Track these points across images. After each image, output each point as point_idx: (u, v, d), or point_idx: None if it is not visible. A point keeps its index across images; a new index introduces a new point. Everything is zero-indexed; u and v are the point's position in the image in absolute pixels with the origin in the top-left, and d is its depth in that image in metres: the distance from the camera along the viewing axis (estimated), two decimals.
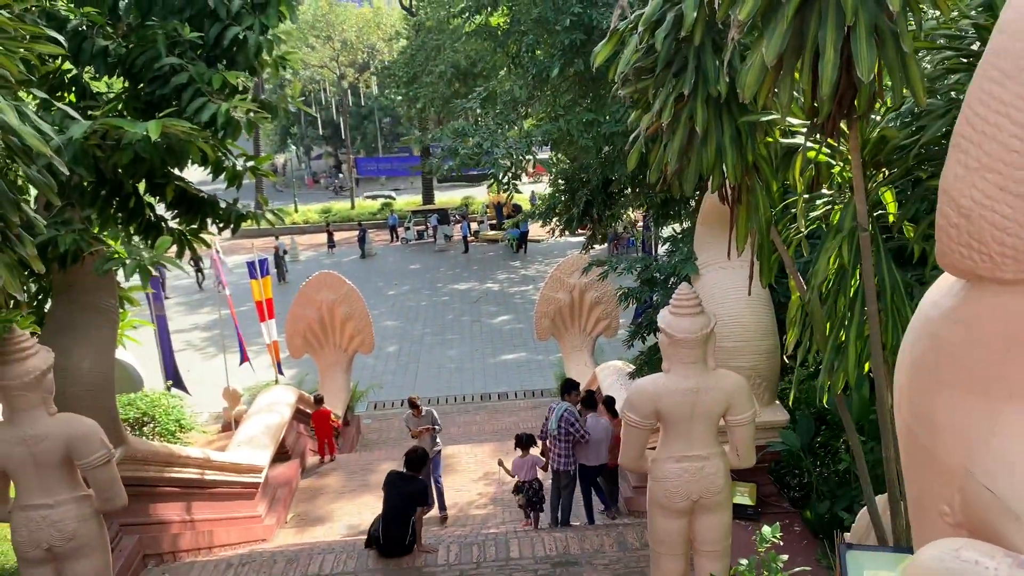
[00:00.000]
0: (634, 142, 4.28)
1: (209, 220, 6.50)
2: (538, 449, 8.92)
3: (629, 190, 9.64)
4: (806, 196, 4.19)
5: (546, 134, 9.12)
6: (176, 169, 5.86)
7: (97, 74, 5.82)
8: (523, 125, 10.54)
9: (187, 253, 6.50)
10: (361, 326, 14.49)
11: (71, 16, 5.71)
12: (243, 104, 5.54)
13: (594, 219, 10.06)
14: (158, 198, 6.26)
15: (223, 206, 6.49)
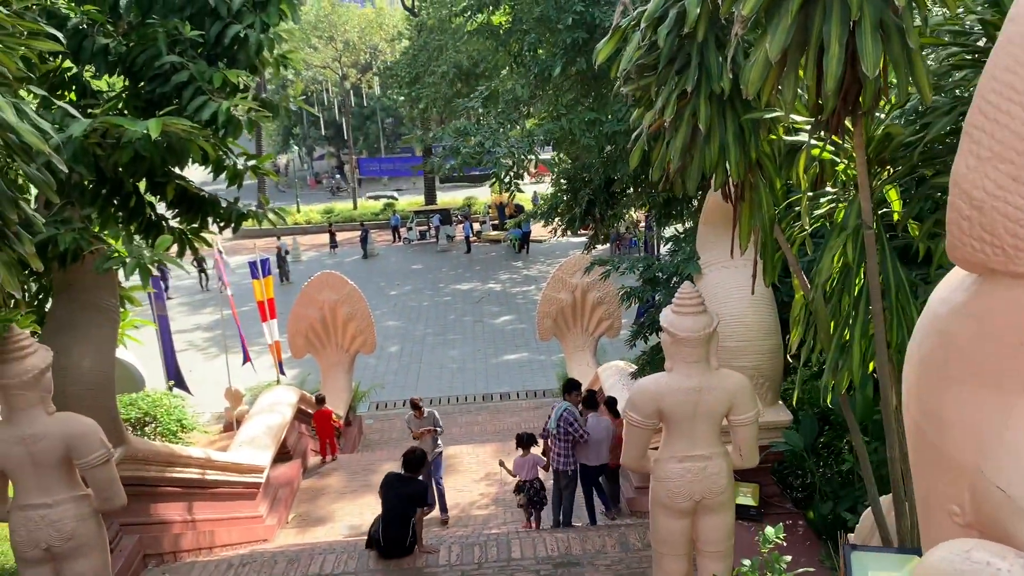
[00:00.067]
0: (636, 140, 4.25)
1: (210, 219, 6.49)
2: (539, 448, 8.90)
3: (631, 189, 9.60)
4: (810, 194, 4.15)
5: (548, 133, 9.09)
6: (177, 168, 5.85)
7: (97, 72, 5.80)
8: (525, 124, 10.51)
9: (190, 254, 6.49)
10: (363, 326, 14.47)
11: (71, 14, 5.70)
12: (244, 103, 5.52)
13: (596, 219, 10.02)
14: (159, 197, 6.24)
15: (224, 205, 6.48)
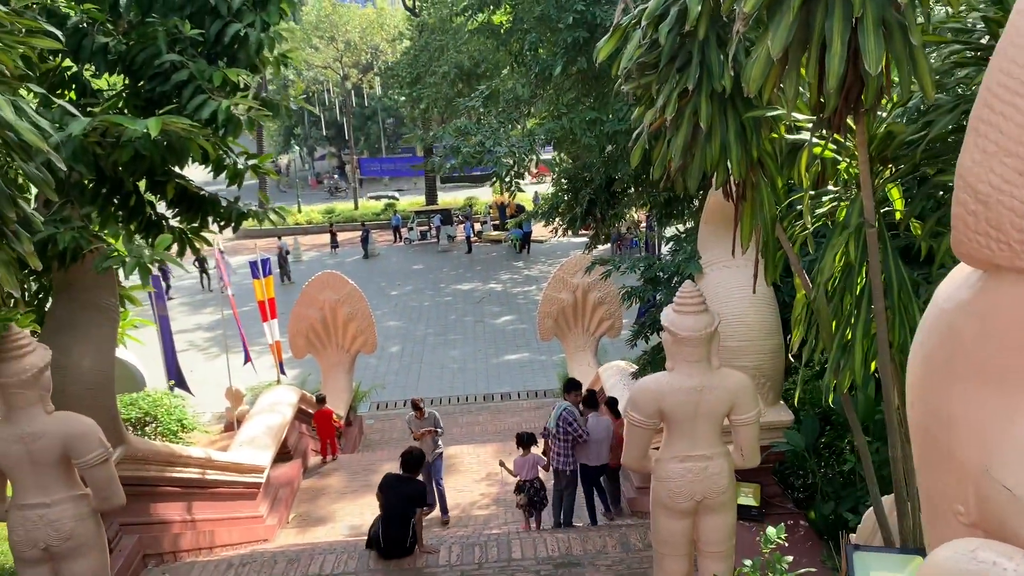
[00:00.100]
0: (637, 139, 4.23)
1: (210, 218, 6.48)
2: (539, 448, 8.88)
3: (632, 189, 9.58)
4: (812, 193, 4.13)
5: (549, 133, 9.07)
6: (176, 167, 5.84)
7: (97, 71, 5.79)
8: (526, 124, 10.49)
9: (195, 255, 6.48)
10: (364, 326, 14.46)
11: (71, 13, 5.69)
12: (244, 101, 5.51)
13: (597, 218, 10.00)
14: (159, 196, 6.23)
15: (224, 204, 6.47)
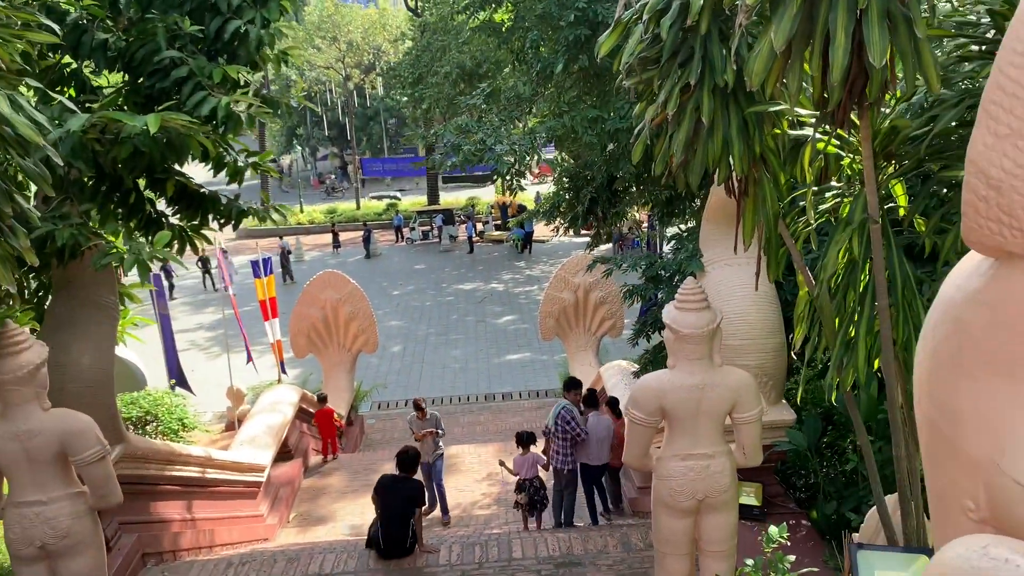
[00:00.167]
0: (639, 135, 4.20)
1: (210, 216, 6.45)
2: (540, 447, 8.85)
3: (634, 188, 9.54)
4: (815, 189, 4.09)
5: (550, 131, 9.03)
6: (176, 164, 5.81)
7: (97, 68, 5.77)
8: (527, 122, 10.46)
9: (195, 253, 6.45)
10: (365, 325, 14.44)
11: (71, 9, 5.67)
12: (244, 98, 5.48)
13: (599, 217, 9.96)
14: (159, 194, 6.21)
15: (224, 202, 6.44)
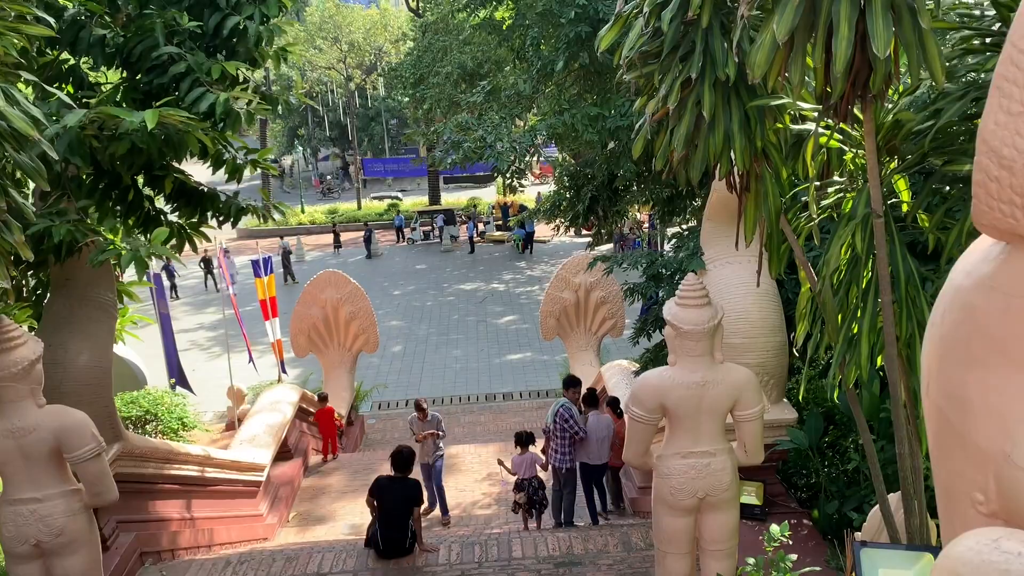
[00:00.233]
0: (639, 131, 4.16)
1: (209, 213, 6.42)
2: (539, 447, 8.81)
3: (634, 186, 9.52)
4: (817, 183, 4.06)
5: (550, 128, 9.01)
6: (174, 161, 5.78)
7: (95, 64, 5.74)
8: (528, 120, 10.44)
9: (193, 251, 6.41)
10: (365, 325, 14.41)
11: (69, 5, 5.64)
12: (243, 95, 5.45)
13: (599, 216, 9.94)
14: (157, 191, 6.18)
15: (223, 200, 6.41)
